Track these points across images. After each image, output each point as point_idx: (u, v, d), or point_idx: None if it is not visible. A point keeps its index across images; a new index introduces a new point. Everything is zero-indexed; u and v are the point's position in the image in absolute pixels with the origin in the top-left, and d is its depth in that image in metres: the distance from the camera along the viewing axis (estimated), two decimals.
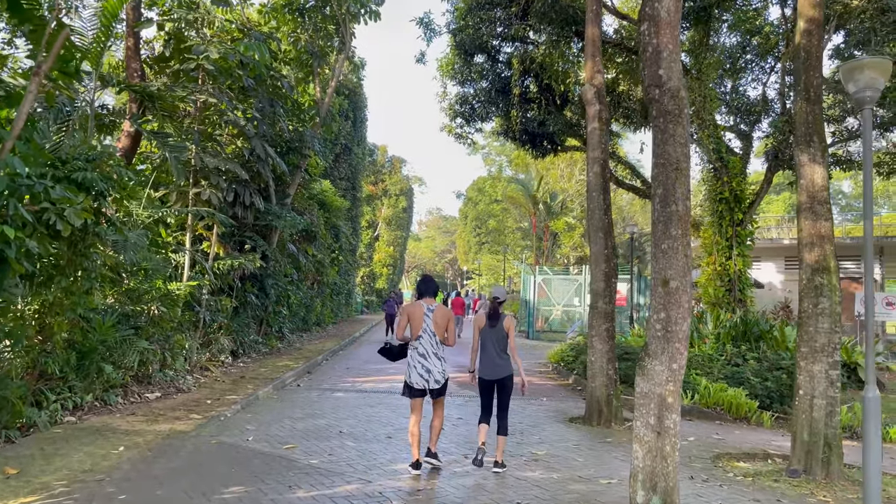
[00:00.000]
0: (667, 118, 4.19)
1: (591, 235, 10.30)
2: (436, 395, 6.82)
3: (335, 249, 27.11)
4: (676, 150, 4.19)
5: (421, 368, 6.72)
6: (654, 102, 4.28)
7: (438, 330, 6.81)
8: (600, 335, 9.93)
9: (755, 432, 10.52)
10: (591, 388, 9.94)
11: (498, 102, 21.62)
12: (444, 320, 6.87)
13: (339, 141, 29.58)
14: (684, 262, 4.25)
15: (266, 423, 8.84)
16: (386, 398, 11.40)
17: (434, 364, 6.74)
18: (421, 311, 6.84)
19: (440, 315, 6.87)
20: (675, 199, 4.20)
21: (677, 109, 4.19)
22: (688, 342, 4.32)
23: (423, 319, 6.80)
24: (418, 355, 6.76)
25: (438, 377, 6.74)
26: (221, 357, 14.00)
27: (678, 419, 4.37)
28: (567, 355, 15.40)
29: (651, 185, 4.32)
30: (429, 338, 6.78)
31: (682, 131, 4.23)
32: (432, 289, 7.10)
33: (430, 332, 6.78)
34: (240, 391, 11.04)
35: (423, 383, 6.70)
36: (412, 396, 6.80)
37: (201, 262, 12.18)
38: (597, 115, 10.28)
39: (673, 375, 4.34)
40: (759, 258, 31.91)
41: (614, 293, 10.22)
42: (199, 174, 11.95)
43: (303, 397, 11.14)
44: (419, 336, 6.78)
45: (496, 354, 7.06)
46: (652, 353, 4.38)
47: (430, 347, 6.77)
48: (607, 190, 10.30)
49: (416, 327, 6.81)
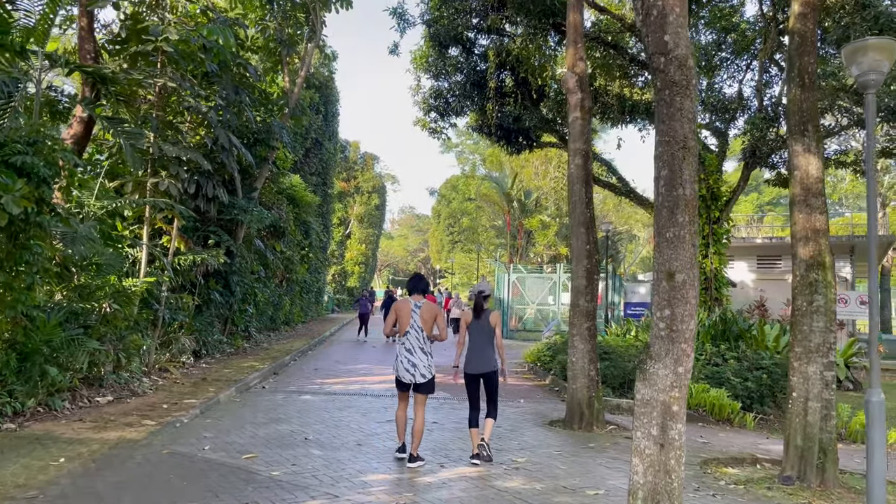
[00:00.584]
0: (673, 90, 3.72)
1: (572, 230, 9.85)
2: (422, 391, 6.97)
3: (305, 246, 26.38)
4: (684, 127, 3.72)
5: (407, 363, 6.90)
6: (659, 73, 3.81)
7: (426, 326, 6.99)
8: (581, 334, 9.47)
9: (740, 435, 10.17)
10: (571, 390, 9.49)
11: (473, 96, 21.12)
12: (431, 316, 7.04)
13: (309, 135, 28.81)
14: (691, 253, 3.79)
15: (226, 429, 8.20)
16: (356, 400, 10.82)
17: (420, 359, 6.90)
18: (409, 307, 7.04)
19: (427, 311, 7.04)
20: (682, 182, 3.73)
21: (685, 80, 3.73)
22: (694, 342, 3.85)
23: (410, 315, 7.00)
24: (405, 350, 6.95)
25: (424, 372, 6.89)
26: (182, 358, 13.28)
27: (683, 429, 3.90)
28: (544, 355, 14.96)
29: (654, 166, 3.84)
30: (416, 333, 6.96)
31: (690, 105, 3.77)
32: (421, 286, 7.27)
33: (417, 328, 6.96)
34: (200, 394, 10.37)
35: (409, 377, 6.89)
36: (399, 389, 7.10)
37: (160, 258, 11.45)
38: (579, 104, 9.82)
39: (678, 380, 3.87)
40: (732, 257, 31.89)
41: (596, 290, 9.78)
42: (158, 164, 11.23)
43: (267, 400, 10.51)
44: (406, 332, 6.97)
45: (481, 349, 7.18)
46: (655, 355, 3.91)
47: (416, 343, 6.94)
48: (589, 183, 9.85)
49: (403, 323, 7.01)
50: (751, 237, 34.95)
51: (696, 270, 3.77)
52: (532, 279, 29.21)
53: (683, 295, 3.79)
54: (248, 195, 16.64)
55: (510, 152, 23.41)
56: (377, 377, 13.78)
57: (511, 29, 19.34)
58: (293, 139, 26.39)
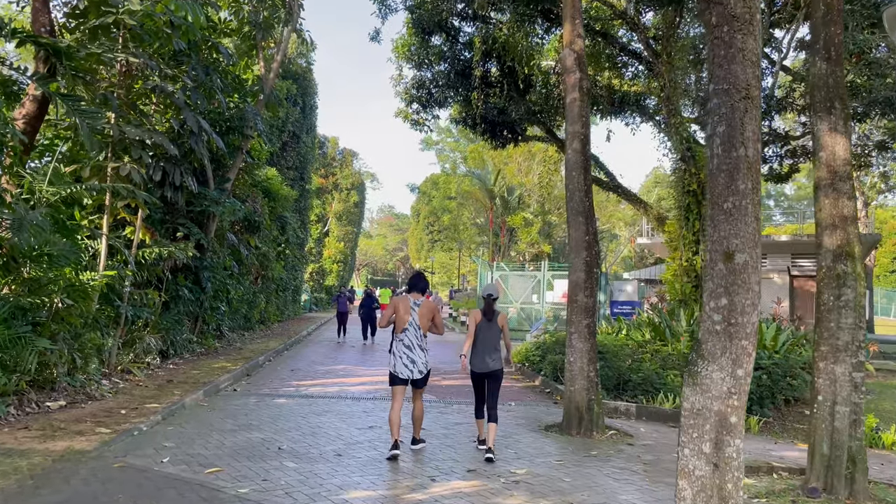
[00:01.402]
0: (733, 27, 3.00)
1: (569, 220, 9.14)
2: (418, 385, 7.19)
3: (281, 242, 25.43)
4: (746, 72, 3.01)
5: (406, 359, 7.07)
6: (715, 6, 3.09)
7: (423, 323, 7.16)
8: (580, 332, 8.76)
9: (746, 440, 9.50)
10: (569, 393, 8.77)
11: (457, 86, 20.37)
12: (429, 314, 7.22)
13: (286, 128, 27.83)
14: (754, 228, 3.08)
15: (189, 438, 7.36)
16: (335, 404, 10.01)
17: (418, 355, 7.10)
18: (407, 304, 7.19)
19: (425, 309, 7.21)
20: (744, 140, 3.03)
21: (748, 14, 3.01)
22: (757, 339, 3.14)
23: (409, 312, 7.14)
24: (404, 346, 7.11)
25: (422, 367, 7.10)
26: (147, 358, 12.36)
27: (742, 446, 3.19)
28: (532, 355, 14.25)
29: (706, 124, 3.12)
30: (414, 330, 7.13)
31: (754, 44, 3.05)
32: (421, 285, 7.44)
33: (415, 325, 7.14)
34: (164, 398, 9.50)
35: (407, 373, 7.07)
36: (394, 384, 7.15)
37: (121, 250, 10.54)
38: (577, 83, 9.11)
39: (737, 385, 3.16)
40: None
41: (596, 285, 9.08)
42: (119, 147, 10.32)
43: (238, 405, 9.65)
44: (405, 329, 7.12)
45: (488, 350, 7.32)
46: (708, 355, 3.18)
47: (414, 339, 7.12)
48: (588, 169, 9.14)
49: (401, 320, 7.14)
50: None
51: (759, 250, 3.06)
52: (515, 277, 28.52)
53: (745, 280, 3.08)
54: (221, 186, 15.74)
55: (495, 146, 22.73)
56: (357, 378, 12.98)
57: (497, 16, 18.63)
58: (269, 131, 25.45)
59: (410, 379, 7.08)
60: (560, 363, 12.87)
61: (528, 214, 33.65)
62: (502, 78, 19.32)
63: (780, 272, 30.47)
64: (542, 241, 33.71)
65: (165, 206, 14.20)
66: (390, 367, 7.16)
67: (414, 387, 7.20)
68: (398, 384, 7.12)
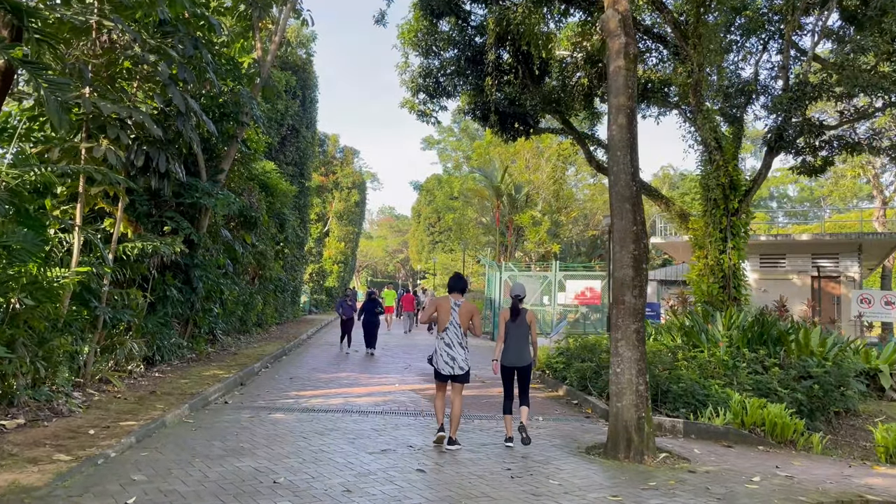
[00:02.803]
0: None
1: (613, 207, 7.87)
2: (459, 381, 7.47)
3: (280, 241, 24.12)
4: None
5: (447, 357, 7.40)
6: None
7: (464, 322, 7.53)
8: (628, 339, 7.49)
9: (815, 462, 8.24)
10: (616, 410, 7.49)
11: (468, 74, 19.10)
12: (468, 314, 7.58)
13: (285, 121, 26.61)
14: None
15: (165, 468, 6.07)
16: (340, 420, 8.73)
17: (458, 353, 7.43)
18: (448, 305, 7.58)
19: (465, 309, 7.58)
20: None
21: None
22: None
23: (450, 313, 7.53)
24: (444, 345, 7.45)
25: (462, 364, 7.43)
26: (130, 365, 11.09)
27: None
28: (555, 361, 12.95)
29: None
30: (454, 329, 7.49)
31: None
32: (460, 286, 7.80)
33: (455, 325, 7.50)
34: (142, 413, 8.22)
35: (448, 370, 7.39)
36: (438, 380, 7.56)
37: (96, 244, 9.25)
38: (622, 49, 7.85)
39: None
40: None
41: (646, 283, 7.80)
42: (93, 125, 9.04)
43: (228, 422, 8.36)
44: (445, 328, 7.49)
45: (517, 345, 7.71)
46: None
47: (455, 338, 7.46)
48: (635, 148, 7.88)
49: (443, 320, 7.54)
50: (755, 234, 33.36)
51: None
52: (524, 278, 27.23)
53: None
54: (214, 178, 14.46)
55: (505, 139, 21.47)
56: (363, 388, 11.70)
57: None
58: (268, 124, 24.19)
59: (451, 375, 7.40)
60: (588, 371, 11.61)
61: (536, 213, 32.36)
62: (516, 64, 18.08)
63: (801, 273, 29.26)
64: (551, 240, 32.43)
65: (151, 198, 12.94)
66: (433, 364, 7.57)
67: (454, 382, 7.47)
68: (441, 380, 7.52)
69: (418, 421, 9.00)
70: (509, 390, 7.80)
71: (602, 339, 13.32)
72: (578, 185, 40.98)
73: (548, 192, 32.78)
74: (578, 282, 24.61)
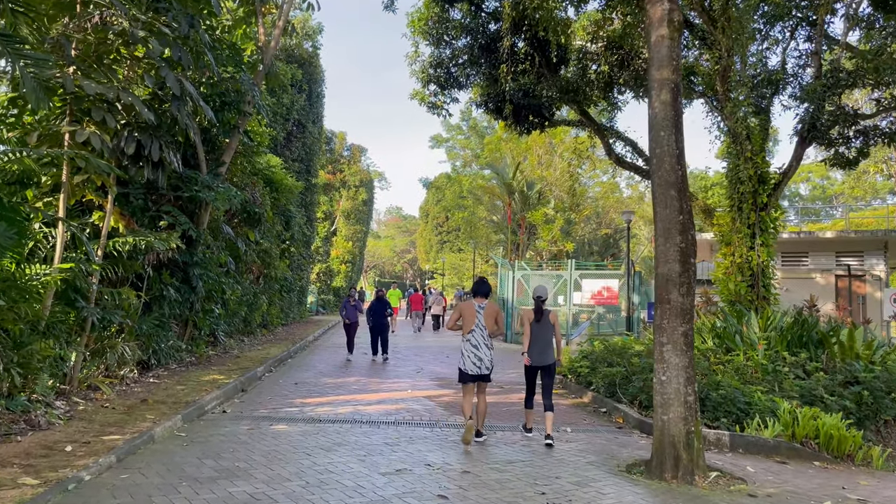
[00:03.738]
0: None
1: (656, 194, 6.99)
2: (485, 380, 7.80)
3: (286, 239, 23.33)
4: None
5: (474, 357, 7.65)
6: None
7: (489, 323, 7.79)
8: (675, 343, 6.61)
9: (880, 480, 7.33)
10: (662, 424, 6.61)
11: (481, 63, 18.23)
12: (492, 315, 7.85)
13: (291, 116, 25.81)
14: None
15: (145, 495, 5.22)
16: (349, 432, 7.88)
17: (484, 353, 7.69)
18: (473, 308, 7.82)
19: (490, 311, 7.85)
20: None
21: None
22: None
23: (475, 316, 7.78)
24: (471, 346, 7.70)
25: (488, 364, 7.71)
26: (123, 370, 10.28)
27: None
28: (580, 366, 12.04)
29: None
30: (480, 331, 7.74)
31: None
32: (483, 290, 7.98)
33: (481, 327, 7.75)
34: (130, 425, 7.40)
35: (476, 370, 7.66)
36: (465, 381, 7.78)
37: (80, 238, 8.43)
38: (665, 16, 6.97)
39: None
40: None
41: (694, 280, 6.92)
42: (76, 106, 8.22)
43: (224, 435, 7.52)
44: (472, 330, 7.74)
45: (542, 344, 7.95)
46: None
47: (481, 339, 7.72)
48: (681, 128, 7.00)
49: (468, 323, 7.77)
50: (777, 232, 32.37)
51: None
52: (538, 277, 26.32)
53: None
54: (215, 171, 13.66)
55: (519, 132, 20.55)
56: (373, 395, 10.85)
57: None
58: (273, 118, 23.40)
59: (479, 375, 7.67)
60: (617, 377, 10.71)
61: (549, 210, 31.41)
62: (532, 52, 17.17)
63: (824, 272, 28.24)
64: (564, 239, 31.47)
65: (147, 191, 12.16)
66: (460, 364, 7.78)
67: (480, 381, 7.76)
68: (468, 381, 7.74)
69: (434, 433, 8.13)
70: (532, 387, 8.16)
71: (630, 341, 12.41)
72: (591, 182, 40.00)
73: (561, 188, 31.81)
74: (595, 281, 23.64)
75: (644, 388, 9.86)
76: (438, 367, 15.11)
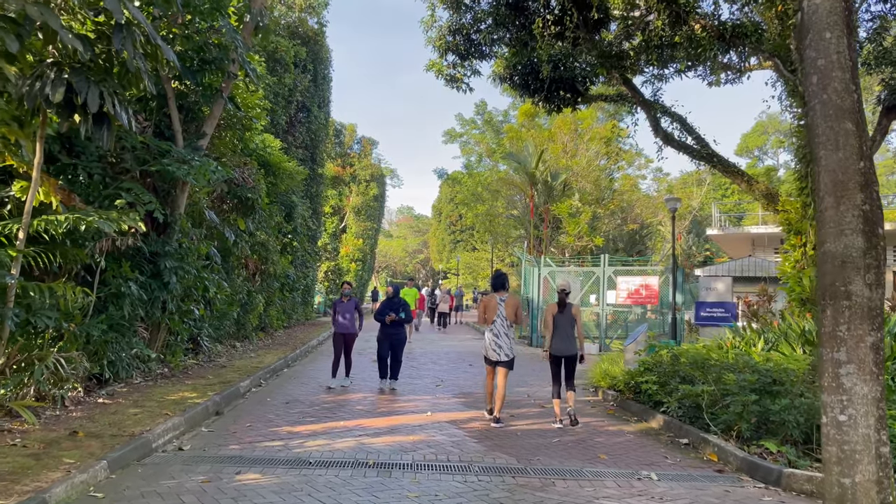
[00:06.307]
0: None
1: (818, 129, 4.51)
2: (504, 366, 8.56)
3: (288, 232, 21.00)
4: None
5: (494, 346, 8.56)
6: None
7: (510, 314, 8.69)
8: (861, 362, 4.15)
9: None
10: (841, 489, 4.13)
11: (507, 25, 15.85)
12: (513, 306, 8.75)
13: (294, 98, 23.49)
14: None
15: None
16: (347, 487, 5.46)
17: (504, 342, 8.57)
18: (495, 301, 8.71)
19: (510, 303, 8.73)
20: None
21: None
22: None
23: (497, 308, 8.66)
24: (493, 335, 8.60)
25: (508, 352, 8.56)
26: (62, 389, 7.93)
27: None
28: (642, 380, 9.53)
29: None
30: (501, 321, 8.62)
31: None
32: (500, 282, 8.89)
33: (502, 317, 8.64)
34: (29, 477, 5.04)
35: (496, 356, 8.55)
36: (488, 364, 8.76)
37: None
38: None
39: None
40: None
41: (884, 262, 4.45)
42: None
43: (163, 496, 5.13)
44: (494, 321, 8.62)
45: (565, 335, 8.58)
46: None
47: (502, 329, 8.60)
48: (853, 29, 4.53)
49: (491, 314, 8.67)
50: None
51: None
52: (564, 275, 23.80)
53: None
54: (193, 144, 11.33)
55: (549, 110, 18.09)
56: (383, 419, 8.45)
57: None
58: (274, 100, 21.08)
59: (498, 360, 8.51)
60: (704, 398, 8.19)
61: (576, 202, 28.89)
62: (568, 11, 14.73)
63: None
64: (592, 233, 28.96)
65: (108, 164, 9.85)
66: (483, 351, 8.79)
67: (499, 366, 8.55)
68: (490, 365, 8.69)
69: (468, 485, 5.70)
70: (557, 377, 8.67)
71: (712, 350, 9.90)
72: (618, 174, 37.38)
73: (587, 179, 29.32)
74: (632, 278, 21.11)
75: (745, 415, 7.39)
76: (461, 378, 12.68)
